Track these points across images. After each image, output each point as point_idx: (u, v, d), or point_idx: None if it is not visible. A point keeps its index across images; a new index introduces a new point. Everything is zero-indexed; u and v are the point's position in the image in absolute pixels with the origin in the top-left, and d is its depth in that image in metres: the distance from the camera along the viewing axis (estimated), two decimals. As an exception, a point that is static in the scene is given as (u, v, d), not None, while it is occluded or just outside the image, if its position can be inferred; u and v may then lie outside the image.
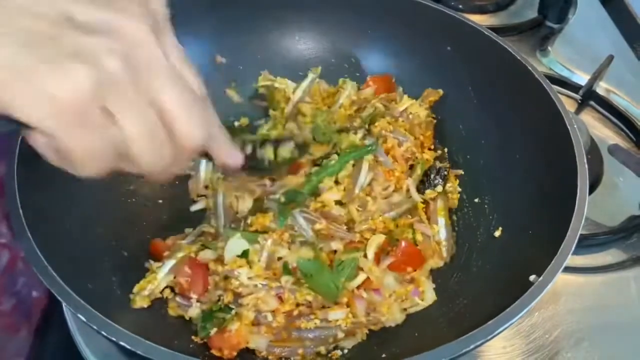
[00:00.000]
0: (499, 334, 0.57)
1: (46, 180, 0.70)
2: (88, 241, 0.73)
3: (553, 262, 0.61)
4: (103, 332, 0.56)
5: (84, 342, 0.74)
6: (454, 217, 0.84)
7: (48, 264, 0.59)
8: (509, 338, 0.78)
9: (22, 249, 0.61)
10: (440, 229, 0.80)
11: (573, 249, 0.62)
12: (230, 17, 0.93)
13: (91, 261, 0.71)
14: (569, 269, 0.83)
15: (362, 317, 0.71)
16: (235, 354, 0.67)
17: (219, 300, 0.71)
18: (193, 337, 0.70)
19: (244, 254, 0.74)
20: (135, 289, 0.71)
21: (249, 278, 0.71)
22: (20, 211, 0.63)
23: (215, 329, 0.68)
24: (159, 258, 0.76)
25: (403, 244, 0.76)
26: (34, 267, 0.59)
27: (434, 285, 0.77)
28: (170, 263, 0.73)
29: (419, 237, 0.79)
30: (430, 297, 0.75)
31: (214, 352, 0.67)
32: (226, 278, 0.73)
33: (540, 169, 0.77)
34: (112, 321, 0.56)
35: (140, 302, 0.70)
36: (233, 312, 0.70)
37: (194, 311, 0.71)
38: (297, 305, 0.72)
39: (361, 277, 0.74)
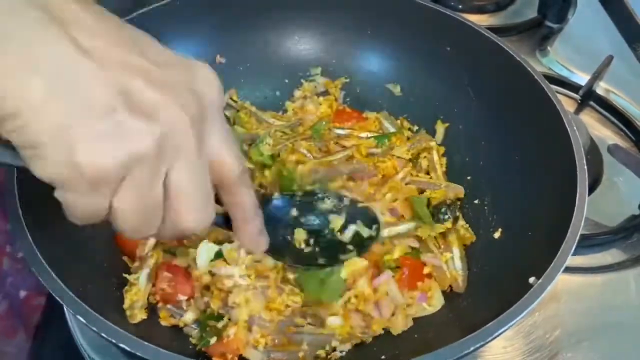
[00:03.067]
0: (499, 335, 0.57)
1: (45, 183, 0.70)
2: (88, 243, 0.72)
3: (553, 263, 0.61)
4: (103, 335, 0.55)
5: (84, 342, 0.75)
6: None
7: (48, 266, 0.59)
8: (509, 338, 0.78)
9: (22, 250, 0.61)
10: (455, 260, 0.77)
11: (573, 249, 0.62)
12: (230, 17, 0.93)
13: (91, 263, 0.71)
14: (569, 269, 0.83)
15: (359, 331, 0.70)
16: (237, 359, 0.67)
17: (205, 310, 0.71)
18: (192, 339, 0.70)
19: (218, 255, 0.72)
20: (125, 306, 0.69)
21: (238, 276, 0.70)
22: (20, 212, 0.63)
23: (214, 338, 0.67)
24: (124, 250, 0.76)
25: (405, 267, 0.74)
26: (33, 269, 0.59)
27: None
28: (145, 272, 0.72)
29: (427, 270, 0.76)
30: (439, 302, 0.74)
31: (216, 359, 0.67)
32: (208, 288, 0.72)
33: (539, 170, 0.77)
34: (112, 323, 0.56)
35: (140, 315, 0.69)
36: (225, 318, 0.69)
37: (188, 317, 0.71)
38: (287, 306, 0.70)
39: (349, 293, 0.72)
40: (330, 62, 0.98)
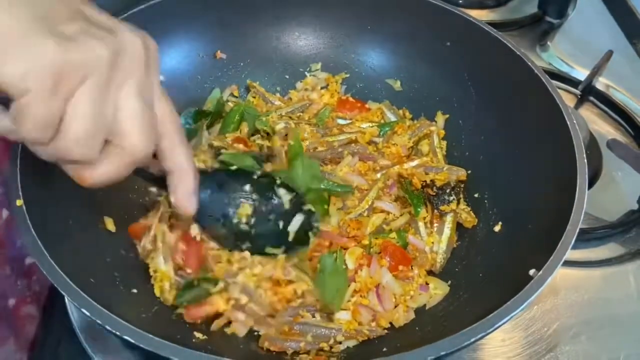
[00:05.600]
0: (498, 327, 0.57)
1: (48, 177, 0.70)
2: (90, 237, 0.73)
3: (552, 256, 0.62)
4: (107, 326, 0.56)
5: (87, 337, 0.75)
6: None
7: (52, 259, 0.60)
8: (508, 331, 0.78)
9: (27, 245, 0.61)
10: (443, 241, 0.79)
11: (572, 243, 0.63)
12: (230, 13, 0.94)
13: (93, 257, 0.72)
14: (568, 263, 0.83)
15: (366, 327, 0.71)
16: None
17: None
18: (195, 332, 0.70)
19: None
20: (157, 293, 0.72)
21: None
22: (24, 207, 0.63)
23: (189, 301, 0.68)
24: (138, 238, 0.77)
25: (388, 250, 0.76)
26: (38, 263, 0.60)
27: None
28: (160, 256, 0.72)
29: (411, 247, 0.79)
30: (443, 288, 0.75)
31: (187, 319, 0.68)
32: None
33: (539, 164, 0.77)
34: (115, 315, 0.57)
35: (171, 295, 0.71)
36: (220, 284, 0.69)
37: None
38: (295, 293, 0.71)
39: (352, 286, 0.73)
40: (330, 57, 0.98)
